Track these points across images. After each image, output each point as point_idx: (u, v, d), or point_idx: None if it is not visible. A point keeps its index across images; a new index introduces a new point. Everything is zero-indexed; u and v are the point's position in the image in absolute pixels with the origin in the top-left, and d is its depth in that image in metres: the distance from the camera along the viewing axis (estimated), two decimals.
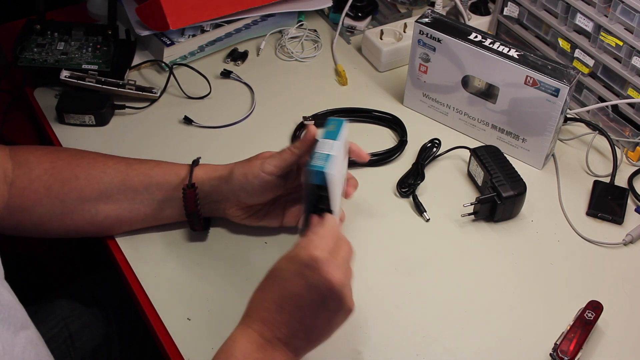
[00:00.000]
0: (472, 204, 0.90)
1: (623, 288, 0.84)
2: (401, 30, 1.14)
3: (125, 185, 0.82)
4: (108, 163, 0.83)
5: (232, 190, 0.82)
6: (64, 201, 0.81)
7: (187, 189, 0.82)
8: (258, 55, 1.15)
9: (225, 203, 0.83)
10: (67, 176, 0.81)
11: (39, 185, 0.81)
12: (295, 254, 0.66)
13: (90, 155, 0.85)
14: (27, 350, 0.62)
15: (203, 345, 0.76)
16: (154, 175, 0.83)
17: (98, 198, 0.82)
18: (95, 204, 0.82)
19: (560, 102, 0.91)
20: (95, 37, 1.09)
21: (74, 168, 0.82)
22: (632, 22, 0.93)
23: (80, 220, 0.83)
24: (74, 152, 0.86)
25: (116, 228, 0.85)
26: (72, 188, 0.81)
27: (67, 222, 0.83)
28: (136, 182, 0.82)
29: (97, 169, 0.82)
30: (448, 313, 0.81)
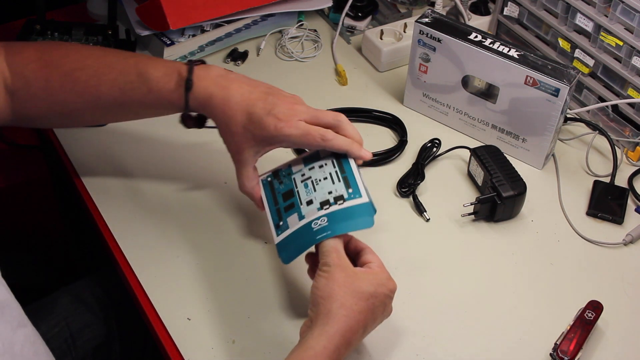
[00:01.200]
0: (472, 204, 0.90)
1: (623, 288, 0.84)
2: (401, 30, 1.14)
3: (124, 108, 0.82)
4: (101, 89, 0.80)
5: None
6: (70, 117, 0.84)
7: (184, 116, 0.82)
8: (258, 55, 1.15)
9: None
10: (64, 99, 0.81)
11: (39, 102, 0.81)
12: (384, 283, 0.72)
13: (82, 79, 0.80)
14: (25, 348, 0.62)
15: (203, 345, 0.76)
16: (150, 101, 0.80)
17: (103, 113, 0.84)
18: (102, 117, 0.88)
19: (560, 102, 0.91)
20: (95, 37, 1.09)
21: (68, 93, 0.80)
22: (632, 22, 0.93)
23: (92, 122, 0.93)
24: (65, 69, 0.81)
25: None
26: (74, 109, 0.82)
27: (78, 124, 0.93)
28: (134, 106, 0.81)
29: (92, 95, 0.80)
30: (448, 313, 0.81)
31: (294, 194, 0.79)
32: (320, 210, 0.75)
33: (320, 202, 0.76)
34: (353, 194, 0.75)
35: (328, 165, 0.79)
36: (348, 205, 0.75)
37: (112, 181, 0.94)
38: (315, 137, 0.76)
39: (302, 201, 0.77)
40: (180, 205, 0.91)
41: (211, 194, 0.92)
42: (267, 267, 0.84)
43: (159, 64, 0.80)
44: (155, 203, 0.91)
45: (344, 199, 0.75)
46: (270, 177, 0.82)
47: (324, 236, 0.73)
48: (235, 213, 0.90)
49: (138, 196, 0.92)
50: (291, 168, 0.81)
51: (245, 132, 0.77)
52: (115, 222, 0.89)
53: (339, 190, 0.76)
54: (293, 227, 0.76)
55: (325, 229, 0.73)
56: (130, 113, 0.84)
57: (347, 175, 0.77)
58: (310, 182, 0.78)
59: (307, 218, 0.75)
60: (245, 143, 0.78)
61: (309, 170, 0.80)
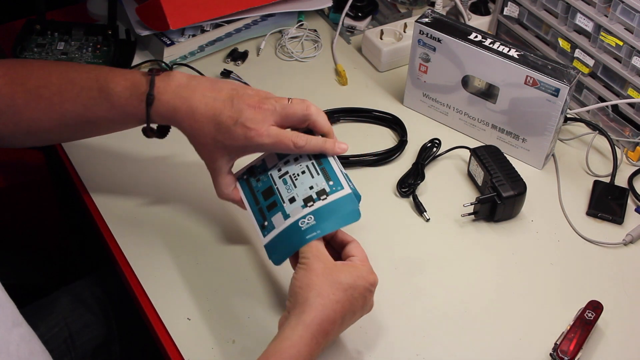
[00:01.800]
0: (472, 204, 0.90)
1: (623, 288, 0.84)
2: (401, 30, 1.14)
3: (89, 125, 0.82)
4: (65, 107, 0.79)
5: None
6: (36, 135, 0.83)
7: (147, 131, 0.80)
8: (258, 55, 1.15)
9: None
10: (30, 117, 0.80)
11: (6, 119, 0.80)
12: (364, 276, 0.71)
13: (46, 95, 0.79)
14: (21, 347, 0.62)
15: (203, 345, 0.76)
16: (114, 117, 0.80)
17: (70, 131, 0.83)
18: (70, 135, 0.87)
19: (560, 102, 0.91)
20: (95, 37, 1.09)
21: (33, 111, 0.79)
22: (632, 22, 0.93)
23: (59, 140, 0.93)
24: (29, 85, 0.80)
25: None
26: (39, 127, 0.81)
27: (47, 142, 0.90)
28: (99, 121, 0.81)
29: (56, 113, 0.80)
30: (448, 313, 0.81)
31: (274, 191, 0.78)
32: (305, 207, 0.75)
33: (303, 199, 0.75)
34: (334, 186, 0.75)
35: (303, 157, 0.78)
36: (332, 199, 0.74)
37: (112, 181, 0.94)
38: (288, 145, 0.75)
39: (284, 199, 0.77)
40: (181, 205, 0.91)
41: (211, 194, 0.92)
42: (267, 267, 0.84)
43: (119, 78, 0.78)
44: (155, 203, 0.91)
45: (327, 194, 0.75)
46: (246, 174, 0.82)
47: (314, 236, 0.73)
48: (235, 213, 0.90)
49: (138, 196, 0.92)
50: (266, 163, 0.81)
51: (216, 143, 0.76)
52: (115, 222, 0.89)
53: (319, 184, 0.76)
54: (279, 227, 0.76)
55: (314, 228, 0.73)
56: (97, 129, 0.84)
57: (325, 166, 0.77)
58: (288, 178, 0.78)
59: (292, 217, 0.75)
60: (216, 153, 0.77)
61: (285, 165, 0.79)
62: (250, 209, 0.79)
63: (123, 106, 0.78)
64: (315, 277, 0.69)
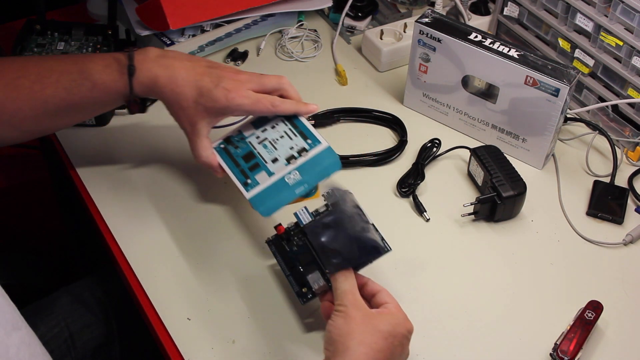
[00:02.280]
0: (472, 204, 0.90)
1: (623, 288, 0.84)
2: (401, 30, 1.14)
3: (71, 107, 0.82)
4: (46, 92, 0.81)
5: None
6: (19, 127, 0.83)
7: (130, 102, 0.83)
8: (258, 55, 1.15)
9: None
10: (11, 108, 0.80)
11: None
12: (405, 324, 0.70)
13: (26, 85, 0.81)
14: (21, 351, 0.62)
15: (203, 345, 0.76)
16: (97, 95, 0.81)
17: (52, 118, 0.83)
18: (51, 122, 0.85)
19: (560, 102, 0.91)
20: (95, 37, 1.09)
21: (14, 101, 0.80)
22: (632, 22, 0.93)
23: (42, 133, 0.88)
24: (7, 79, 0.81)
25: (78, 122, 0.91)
26: (22, 118, 0.81)
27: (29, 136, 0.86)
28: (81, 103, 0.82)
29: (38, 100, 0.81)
30: (448, 313, 0.81)
31: (254, 155, 0.82)
32: (288, 165, 0.80)
33: (285, 158, 0.80)
34: (313, 143, 0.81)
35: (280, 124, 0.84)
36: (313, 154, 0.80)
37: (112, 181, 0.94)
38: (265, 104, 0.81)
39: (266, 160, 0.81)
40: (181, 205, 0.91)
41: (211, 195, 0.92)
42: (268, 267, 0.84)
43: (97, 58, 0.82)
44: (156, 203, 0.91)
45: (307, 150, 0.80)
46: (223, 144, 0.85)
47: (302, 190, 0.78)
48: (235, 213, 0.90)
49: (138, 196, 0.92)
50: (242, 133, 0.85)
51: (197, 106, 0.80)
52: (115, 222, 0.89)
53: (299, 144, 0.81)
54: (264, 182, 0.80)
55: (301, 182, 0.78)
56: (79, 112, 0.85)
57: (301, 129, 0.82)
58: (268, 143, 0.82)
59: (277, 174, 0.79)
60: (197, 116, 0.81)
61: (263, 132, 0.84)
62: (230, 170, 0.82)
63: (105, 82, 0.80)
64: (355, 325, 0.67)
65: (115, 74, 0.80)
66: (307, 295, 0.75)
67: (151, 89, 0.81)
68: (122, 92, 0.81)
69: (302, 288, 0.76)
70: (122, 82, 0.80)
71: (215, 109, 0.80)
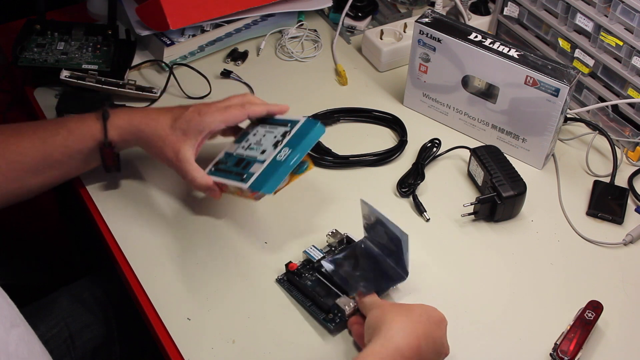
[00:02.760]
0: (472, 204, 0.90)
1: (623, 288, 0.84)
2: (401, 30, 1.14)
3: (47, 160, 0.84)
4: (22, 144, 0.83)
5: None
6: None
7: (104, 148, 0.85)
8: (258, 55, 1.15)
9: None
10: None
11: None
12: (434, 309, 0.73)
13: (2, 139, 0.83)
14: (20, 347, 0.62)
15: (203, 345, 0.76)
16: (72, 144, 0.84)
17: (26, 175, 0.84)
18: (26, 180, 0.85)
19: (560, 102, 0.91)
20: (95, 37, 1.09)
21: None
22: (632, 22, 0.93)
23: (16, 196, 0.86)
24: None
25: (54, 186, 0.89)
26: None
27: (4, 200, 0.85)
28: (57, 155, 0.84)
29: (14, 152, 0.83)
30: (448, 313, 0.80)
31: (244, 158, 0.86)
32: (275, 148, 0.83)
33: (272, 145, 0.84)
34: (292, 124, 0.85)
35: (259, 130, 0.88)
36: (295, 130, 0.83)
37: (112, 181, 0.94)
38: (236, 108, 0.85)
39: (256, 156, 0.84)
40: (180, 205, 0.91)
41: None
42: (268, 267, 0.84)
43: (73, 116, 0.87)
44: (155, 203, 0.91)
45: (289, 131, 0.84)
46: (213, 167, 0.89)
47: (295, 160, 0.81)
48: (235, 213, 0.90)
49: (138, 196, 0.92)
50: (227, 152, 0.89)
51: (175, 131, 0.84)
52: (115, 222, 0.89)
53: (281, 132, 0.85)
54: (258, 170, 0.82)
55: (293, 155, 0.81)
56: (56, 168, 0.85)
57: (279, 122, 0.87)
58: (254, 145, 0.87)
59: (268, 158, 0.82)
60: (178, 142, 0.84)
61: (246, 142, 0.88)
62: (227, 180, 0.84)
63: (80, 128, 0.84)
64: (390, 307, 0.72)
65: (90, 121, 0.84)
66: (335, 320, 0.78)
67: (128, 130, 0.84)
68: (97, 137, 0.84)
69: (328, 314, 0.78)
70: (97, 127, 0.84)
71: (192, 127, 0.83)
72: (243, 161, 0.85)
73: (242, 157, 0.86)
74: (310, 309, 0.79)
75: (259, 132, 0.88)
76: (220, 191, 0.86)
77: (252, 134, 0.88)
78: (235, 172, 0.84)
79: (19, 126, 0.85)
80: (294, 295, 0.81)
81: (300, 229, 0.88)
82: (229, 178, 0.84)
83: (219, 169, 0.88)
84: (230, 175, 0.84)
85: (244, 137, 0.89)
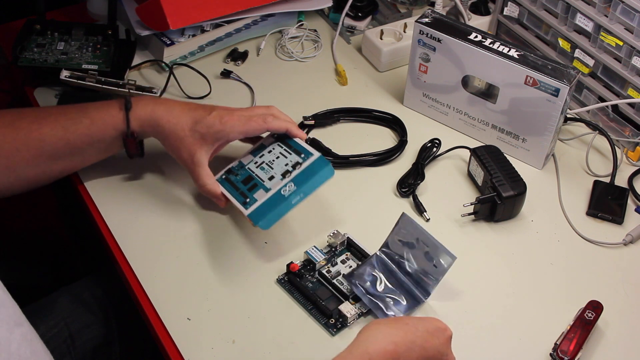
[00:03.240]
0: (472, 204, 0.90)
1: (623, 288, 0.84)
2: (401, 30, 1.14)
3: (69, 147, 0.84)
4: (43, 131, 0.83)
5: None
6: (15, 171, 0.83)
7: (127, 139, 0.85)
8: (258, 55, 1.15)
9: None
10: (8, 150, 0.82)
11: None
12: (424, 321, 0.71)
13: (24, 125, 0.84)
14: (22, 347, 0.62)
15: (203, 345, 0.76)
16: (94, 133, 0.84)
17: (48, 161, 0.84)
18: (48, 166, 0.85)
19: (560, 102, 0.91)
20: (95, 37, 1.09)
21: (11, 142, 0.82)
22: (632, 22, 0.93)
23: (38, 181, 0.87)
24: (5, 122, 0.84)
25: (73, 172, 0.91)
26: (18, 159, 0.83)
27: (26, 185, 0.86)
28: (79, 143, 0.84)
29: (35, 139, 0.83)
30: (448, 313, 0.81)
31: (252, 177, 0.86)
32: (283, 179, 0.83)
33: (281, 174, 0.84)
34: (305, 156, 0.85)
35: (276, 148, 0.88)
36: (305, 165, 0.84)
37: (112, 181, 0.94)
38: (257, 121, 0.84)
39: (263, 180, 0.85)
40: (181, 205, 0.91)
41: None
42: (268, 267, 0.84)
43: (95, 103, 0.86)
44: (156, 203, 0.91)
45: (300, 163, 0.84)
46: (225, 174, 0.88)
47: (298, 200, 0.82)
48: (235, 213, 0.90)
49: (138, 196, 0.92)
50: (241, 161, 0.89)
51: (193, 134, 0.84)
52: (115, 222, 0.89)
53: (293, 160, 0.85)
54: (262, 198, 0.83)
55: (297, 193, 0.82)
56: (77, 155, 0.86)
57: (295, 147, 0.87)
58: (265, 165, 0.86)
59: (273, 189, 0.83)
60: (195, 145, 0.84)
61: (260, 158, 0.88)
62: (231, 196, 0.85)
63: (103, 117, 0.84)
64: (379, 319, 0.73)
65: (112, 110, 0.84)
66: (337, 325, 0.78)
67: (148, 122, 0.84)
68: (119, 128, 0.84)
69: (329, 319, 0.78)
70: (120, 117, 0.84)
71: (211, 134, 0.83)
72: (251, 180, 0.86)
73: (251, 175, 0.86)
74: (311, 312, 0.79)
75: (274, 150, 0.87)
76: (226, 200, 0.86)
77: (268, 150, 0.88)
78: (241, 192, 0.85)
79: (41, 111, 0.85)
80: (295, 296, 0.81)
81: (300, 229, 0.88)
82: (234, 195, 0.85)
83: (229, 179, 0.87)
84: (236, 193, 0.85)
85: (260, 151, 0.88)
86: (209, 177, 0.85)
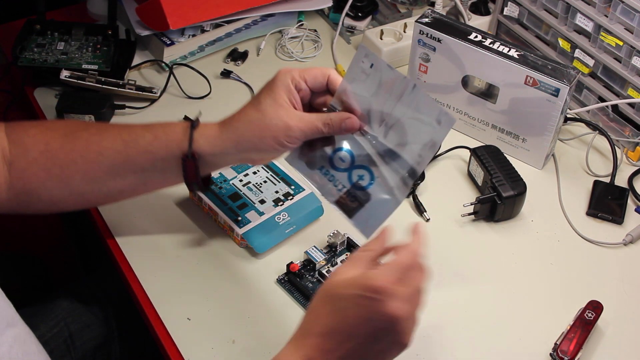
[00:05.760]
0: (472, 204, 0.90)
1: (623, 288, 0.84)
2: (401, 30, 1.14)
3: (128, 164, 0.77)
4: (103, 144, 0.77)
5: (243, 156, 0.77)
6: (69, 184, 0.77)
7: (186, 160, 0.75)
8: (258, 55, 1.15)
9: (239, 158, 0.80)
10: (64, 160, 0.77)
11: (38, 169, 0.76)
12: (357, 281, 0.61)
13: (84, 136, 0.78)
14: (14, 349, 0.62)
15: (203, 345, 0.76)
16: (156, 150, 0.76)
17: (105, 177, 0.77)
18: (104, 183, 0.78)
19: (560, 102, 0.91)
20: (95, 37, 1.09)
21: (68, 153, 0.77)
22: (632, 22, 0.93)
23: (94, 198, 0.80)
24: (66, 131, 0.79)
25: (133, 196, 0.82)
26: (73, 172, 0.77)
27: (81, 201, 0.80)
28: (139, 160, 0.77)
29: (94, 152, 0.77)
30: (448, 313, 0.81)
31: (240, 195, 0.87)
32: (276, 206, 0.86)
33: (272, 200, 0.87)
34: (296, 189, 0.88)
35: (261, 170, 0.90)
36: (298, 198, 0.87)
37: None
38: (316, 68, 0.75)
39: (254, 201, 0.87)
40: (181, 205, 0.91)
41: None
42: (268, 267, 0.84)
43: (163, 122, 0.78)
44: (156, 203, 0.91)
45: (292, 195, 0.88)
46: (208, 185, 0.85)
47: (291, 231, 0.85)
48: None
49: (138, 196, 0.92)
50: (223, 174, 0.90)
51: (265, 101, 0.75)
52: (115, 222, 0.89)
53: (283, 189, 0.88)
54: (255, 221, 0.85)
55: (290, 223, 0.85)
56: (135, 172, 0.78)
57: (282, 176, 0.90)
58: (252, 186, 0.88)
59: (267, 213, 0.85)
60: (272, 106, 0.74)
61: (245, 177, 0.90)
62: (219, 209, 0.86)
63: (166, 133, 0.76)
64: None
65: (177, 128, 0.76)
66: None
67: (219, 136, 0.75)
68: (183, 147, 0.75)
69: None
70: (184, 135, 0.75)
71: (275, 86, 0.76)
72: (240, 198, 0.87)
73: (238, 193, 0.87)
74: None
75: (260, 174, 0.90)
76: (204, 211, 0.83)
77: (253, 171, 0.90)
78: (230, 208, 0.86)
79: (105, 125, 0.79)
80: (295, 296, 0.81)
81: (300, 229, 0.88)
82: (223, 210, 0.85)
83: (212, 191, 0.87)
84: (224, 208, 0.86)
85: (244, 170, 0.90)
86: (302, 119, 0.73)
